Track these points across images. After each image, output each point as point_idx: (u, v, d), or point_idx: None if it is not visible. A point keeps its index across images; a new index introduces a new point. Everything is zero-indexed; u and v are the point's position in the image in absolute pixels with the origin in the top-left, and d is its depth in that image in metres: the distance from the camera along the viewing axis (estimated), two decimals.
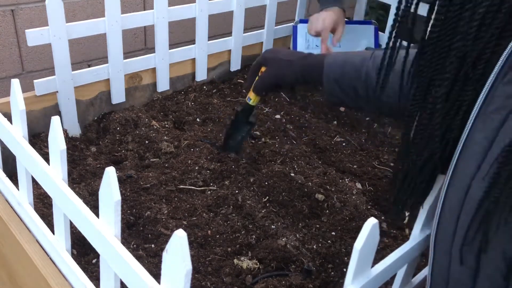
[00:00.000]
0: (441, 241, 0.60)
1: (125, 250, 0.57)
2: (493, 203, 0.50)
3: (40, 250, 0.79)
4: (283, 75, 0.94)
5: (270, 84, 0.98)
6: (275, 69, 0.96)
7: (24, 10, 1.47)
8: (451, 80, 0.55)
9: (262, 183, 1.06)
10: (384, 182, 1.14)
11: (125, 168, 1.08)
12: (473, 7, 0.52)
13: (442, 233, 0.60)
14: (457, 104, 0.56)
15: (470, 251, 0.55)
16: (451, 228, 0.57)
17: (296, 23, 1.63)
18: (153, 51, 1.32)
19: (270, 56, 0.97)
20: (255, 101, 1.04)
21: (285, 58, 0.94)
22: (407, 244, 0.69)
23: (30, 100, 1.11)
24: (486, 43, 0.52)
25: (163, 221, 0.94)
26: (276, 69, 0.95)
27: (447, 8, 0.54)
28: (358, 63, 0.84)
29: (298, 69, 0.92)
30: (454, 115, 0.57)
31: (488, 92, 0.53)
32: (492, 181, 0.51)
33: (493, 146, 0.52)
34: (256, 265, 0.87)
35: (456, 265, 0.58)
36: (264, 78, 0.98)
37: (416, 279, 0.80)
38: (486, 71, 0.53)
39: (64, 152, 0.68)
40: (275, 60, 0.96)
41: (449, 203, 0.58)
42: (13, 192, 0.87)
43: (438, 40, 0.56)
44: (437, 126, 0.57)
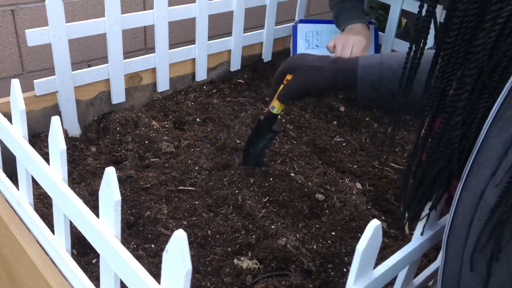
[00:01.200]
0: (453, 245, 0.60)
1: (125, 250, 0.57)
2: (506, 211, 0.49)
3: (40, 250, 0.79)
4: (313, 82, 0.89)
5: (299, 92, 0.93)
6: (304, 76, 0.90)
7: (24, 10, 1.47)
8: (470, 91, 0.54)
9: (262, 183, 1.06)
10: (384, 182, 1.14)
11: (125, 168, 1.08)
12: (494, 18, 0.50)
13: (454, 237, 0.59)
14: (474, 113, 0.55)
15: (481, 257, 0.54)
16: (463, 232, 0.57)
17: (296, 23, 1.63)
18: (153, 51, 1.32)
19: (297, 63, 0.92)
20: (279, 109, 0.99)
21: (315, 64, 0.89)
22: (409, 246, 0.69)
23: (30, 100, 1.11)
24: (505, 51, 0.51)
25: (163, 221, 0.94)
26: (305, 76, 0.90)
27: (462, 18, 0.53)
28: (396, 65, 0.80)
29: (330, 75, 0.87)
30: (470, 123, 0.56)
31: (505, 98, 0.52)
32: (506, 189, 0.50)
33: (509, 152, 0.51)
34: (256, 265, 0.87)
35: (467, 270, 0.57)
36: (292, 86, 0.93)
37: (417, 280, 0.80)
38: (504, 77, 0.52)
39: (64, 152, 0.68)
40: (303, 67, 0.91)
41: (462, 207, 0.57)
42: (13, 192, 0.87)
43: (453, 51, 0.54)
44: (457, 138, 0.56)
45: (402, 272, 0.73)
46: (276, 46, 1.63)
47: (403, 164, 1.22)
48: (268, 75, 1.55)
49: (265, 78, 1.54)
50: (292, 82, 0.92)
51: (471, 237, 0.55)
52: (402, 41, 1.59)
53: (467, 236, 0.56)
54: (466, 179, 0.57)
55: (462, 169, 0.58)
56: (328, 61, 0.89)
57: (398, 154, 1.27)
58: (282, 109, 1.00)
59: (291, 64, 0.93)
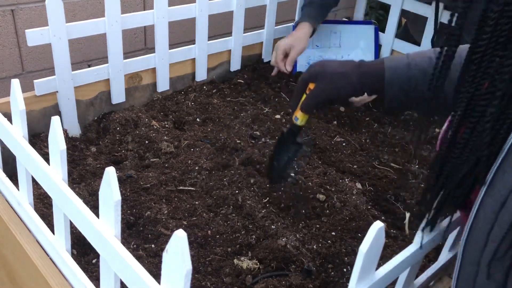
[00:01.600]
0: (470, 250, 0.59)
1: (125, 250, 0.57)
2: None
3: (40, 250, 0.79)
4: (339, 89, 0.85)
5: (324, 101, 0.89)
6: (328, 84, 0.86)
7: (24, 10, 1.47)
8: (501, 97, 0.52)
9: (263, 184, 1.06)
10: (384, 182, 1.14)
11: (125, 168, 1.08)
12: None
13: (473, 242, 0.58)
14: (503, 118, 0.53)
15: (499, 265, 0.53)
16: (482, 239, 0.56)
17: (296, 23, 1.63)
18: (153, 51, 1.32)
19: (319, 70, 0.88)
20: (303, 120, 0.94)
21: (338, 70, 0.86)
22: (411, 247, 0.69)
23: (30, 100, 1.11)
24: None
25: (163, 221, 0.94)
26: (329, 83, 0.86)
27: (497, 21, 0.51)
28: (426, 65, 0.77)
29: (356, 80, 0.84)
30: (498, 129, 0.54)
31: None
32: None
33: None
34: (256, 265, 0.87)
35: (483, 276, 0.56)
36: (316, 95, 0.88)
37: (419, 281, 0.80)
38: None
39: (64, 152, 0.68)
40: (326, 74, 0.87)
41: (484, 213, 0.56)
42: (13, 192, 0.87)
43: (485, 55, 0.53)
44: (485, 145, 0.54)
45: (403, 273, 0.73)
46: None
47: (403, 164, 1.22)
48: (268, 75, 1.55)
49: (265, 78, 1.54)
50: (316, 90, 0.88)
51: (489, 244, 0.54)
52: (402, 41, 1.59)
53: (485, 243, 0.55)
54: (490, 185, 0.55)
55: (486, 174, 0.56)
56: (352, 66, 0.86)
57: (398, 154, 1.27)
58: (306, 120, 0.95)
59: (312, 72, 0.89)
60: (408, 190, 1.12)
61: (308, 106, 0.91)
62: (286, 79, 1.54)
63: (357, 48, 1.61)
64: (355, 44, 1.60)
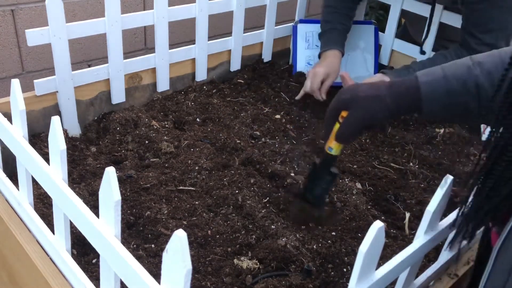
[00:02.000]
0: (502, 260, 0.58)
1: (125, 250, 0.58)
2: None
3: (40, 250, 0.79)
4: (374, 113, 0.81)
5: (359, 128, 0.84)
6: (362, 110, 0.82)
7: (24, 10, 1.47)
8: None
9: (263, 184, 1.06)
10: (384, 182, 1.14)
11: (125, 168, 1.08)
12: None
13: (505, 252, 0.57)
14: None
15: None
16: None
17: (296, 23, 1.63)
18: (153, 51, 1.32)
19: (350, 96, 0.83)
20: (338, 150, 0.90)
21: (370, 94, 0.81)
22: (411, 247, 0.69)
23: (30, 100, 1.11)
24: None
25: (163, 221, 0.94)
26: (363, 109, 0.82)
27: None
28: (464, 74, 0.74)
29: (390, 101, 0.80)
30: None
31: None
32: None
33: None
34: (256, 265, 0.87)
35: None
36: (351, 123, 0.84)
37: (418, 281, 0.80)
38: None
39: (64, 152, 0.68)
40: (358, 100, 0.82)
41: None
42: (13, 192, 0.87)
43: None
44: None
45: (403, 273, 0.73)
46: (276, 46, 1.63)
47: (403, 164, 1.22)
48: (268, 75, 1.55)
49: (265, 78, 1.54)
50: (350, 118, 0.83)
51: None
52: (402, 41, 1.59)
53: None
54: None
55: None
56: (384, 87, 0.82)
57: (398, 154, 1.27)
58: (340, 150, 0.91)
59: (343, 99, 0.85)
60: (408, 190, 1.12)
61: (344, 135, 0.86)
62: (286, 79, 1.54)
63: (357, 48, 1.61)
64: (355, 44, 1.60)
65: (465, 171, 1.20)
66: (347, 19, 1.51)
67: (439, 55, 1.35)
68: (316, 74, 1.39)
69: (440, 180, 0.77)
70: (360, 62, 1.61)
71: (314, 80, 1.39)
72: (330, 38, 1.48)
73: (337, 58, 1.45)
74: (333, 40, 1.48)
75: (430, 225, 0.71)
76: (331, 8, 1.51)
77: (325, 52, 1.46)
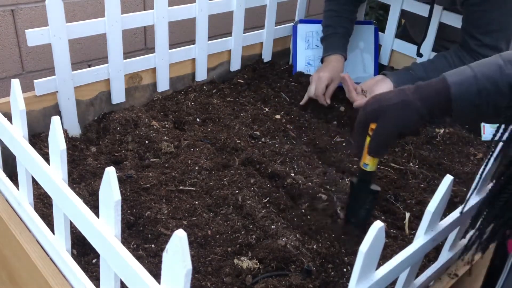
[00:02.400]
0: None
1: (125, 250, 0.58)
2: None
3: (40, 250, 0.79)
4: (406, 121, 0.78)
5: (393, 138, 0.81)
6: (392, 119, 0.79)
7: (24, 10, 1.47)
8: None
9: (263, 184, 1.06)
10: (384, 182, 1.14)
11: (125, 168, 1.08)
12: None
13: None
14: None
15: None
16: None
17: (296, 23, 1.63)
18: (153, 51, 1.32)
19: (377, 107, 0.80)
20: (374, 165, 0.86)
21: (398, 101, 0.78)
22: (411, 247, 0.69)
23: (30, 100, 1.11)
24: None
25: (163, 221, 0.94)
26: (394, 118, 0.79)
27: None
28: (496, 74, 0.71)
29: (420, 105, 0.77)
30: None
31: None
32: None
33: None
34: (256, 265, 0.87)
35: None
36: (382, 134, 0.81)
37: (418, 281, 0.80)
38: None
39: (64, 152, 0.68)
40: (386, 109, 0.79)
41: None
42: (13, 192, 0.87)
43: None
44: None
45: (403, 273, 0.73)
46: (276, 46, 1.63)
47: (403, 164, 1.22)
48: (268, 75, 1.55)
49: (265, 78, 1.54)
50: (381, 129, 0.80)
51: None
52: (402, 41, 1.59)
53: None
54: None
55: None
56: (410, 91, 0.79)
57: (398, 154, 1.27)
58: (376, 164, 0.87)
59: (370, 111, 0.81)
60: (408, 190, 1.12)
61: (377, 148, 0.83)
62: (286, 79, 1.54)
63: (357, 48, 1.61)
64: (355, 44, 1.60)
65: (465, 171, 1.20)
66: (348, 23, 1.51)
67: (440, 56, 1.35)
68: (320, 79, 1.38)
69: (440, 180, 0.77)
70: (360, 62, 1.61)
71: (319, 85, 1.38)
72: (332, 42, 1.48)
73: (340, 62, 1.45)
74: (335, 45, 1.48)
75: (430, 225, 0.71)
76: (332, 12, 1.51)
77: (328, 57, 1.46)
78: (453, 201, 1.06)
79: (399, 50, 1.60)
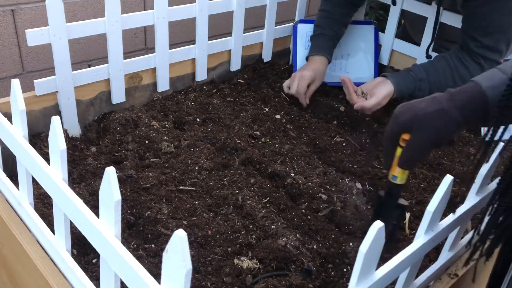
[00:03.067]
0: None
1: (125, 250, 0.58)
2: None
3: (40, 250, 0.79)
4: (442, 130, 0.75)
5: (428, 149, 0.79)
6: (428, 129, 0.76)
7: (24, 10, 1.47)
8: None
9: (263, 184, 1.06)
10: (384, 182, 1.14)
11: (125, 168, 1.08)
12: None
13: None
14: None
15: None
16: None
17: (296, 23, 1.63)
18: (153, 51, 1.32)
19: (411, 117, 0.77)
20: (404, 178, 0.83)
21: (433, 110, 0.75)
22: (411, 247, 0.69)
23: (30, 100, 1.11)
24: None
25: (163, 221, 0.94)
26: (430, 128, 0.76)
27: None
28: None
29: (457, 113, 0.74)
30: None
31: None
32: None
33: None
34: (256, 265, 0.87)
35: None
36: (418, 145, 0.77)
37: (418, 281, 0.80)
38: None
39: (64, 152, 0.68)
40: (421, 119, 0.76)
41: None
42: (13, 192, 0.87)
43: None
44: None
45: (403, 273, 0.73)
46: (276, 46, 1.63)
47: None
48: (268, 75, 1.55)
49: (265, 78, 1.54)
50: (416, 140, 0.77)
51: None
52: (402, 41, 1.59)
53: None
54: None
55: None
56: (445, 99, 0.76)
57: None
58: (406, 177, 0.83)
59: (403, 120, 0.78)
60: (408, 190, 1.12)
61: (412, 160, 0.80)
62: (286, 79, 1.54)
63: (357, 48, 1.61)
64: (355, 44, 1.60)
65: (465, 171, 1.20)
66: (339, 26, 1.51)
67: (440, 58, 1.35)
68: (303, 77, 1.39)
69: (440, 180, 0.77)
70: (360, 62, 1.61)
71: (301, 83, 1.39)
72: (319, 43, 1.49)
73: (323, 64, 1.46)
74: (321, 46, 1.48)
75: (430, 225, 0.71)
76: (324, 13, 1.51)
77: (312, 57, 1.47)
78: (453, 201, 1.06)
79: (399, 50, 1.60)
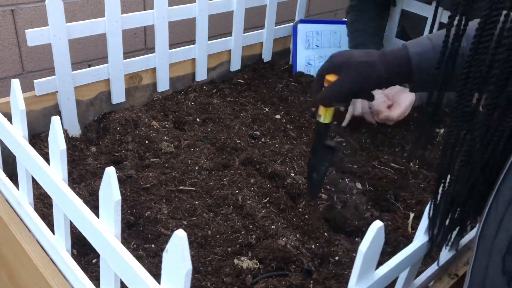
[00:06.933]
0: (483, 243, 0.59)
1: (125, 250, 0.58)
2: None
3: (40, 250, 0.79)
4: (366, 78, 0.82)
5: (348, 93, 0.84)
6: (353, 74, 0.82)
7: (24, 10, 1.47)
8: None
9: (263, 184, 1.06)
10: (384, 182, 1.14)
11: (125, 168, 1.08)
12: None
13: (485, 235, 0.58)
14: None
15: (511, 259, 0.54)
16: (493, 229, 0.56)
17: (296, 23, 1.63)
18: (153, 51, 1.32)
19: (342, 60, 0.83)
20: (327, 116, 0.85)
21: (364, 60, 0.82)
22: (410, 247, 0.69)
23: (30, 100, 1.11)
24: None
25: (163, 221, 0.94)
26: (355, 74, 0.82)
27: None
28: None
29: (383, 69, 0.82)
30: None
31: None
32: None
33: None
34: (256, 265, 0.87)
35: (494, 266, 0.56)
36: (339, 86, 0.83)
37: (418, 280, 0.80)
38: None
39: (64, 152, 0.68)
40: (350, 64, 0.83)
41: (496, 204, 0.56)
42: (13, 192, 0.87)
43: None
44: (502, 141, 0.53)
45: (403, 273, 0.73)
46: (276, 46, 1.63)
47: (403, 164, 1.22)
48: (268, 75, 1.55)
49: (265, 78, 1.54)
50: (339, 82, 0.83)
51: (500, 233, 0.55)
52: (402, 41, 1.59)
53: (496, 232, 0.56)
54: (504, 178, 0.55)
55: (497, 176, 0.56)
56: (378, 54, 0.83)
57: (398, 154, 1.27)
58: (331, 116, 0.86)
59: (336, 62, 0.84)
60: (408, 190, 1.12)
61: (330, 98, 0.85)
62: (286, 79, 1.54)
63: None
64: None
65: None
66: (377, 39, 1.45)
67: None
68: None
69: None
70: None
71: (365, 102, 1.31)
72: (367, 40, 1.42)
73: None
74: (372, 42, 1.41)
75: None
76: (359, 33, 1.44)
77: None
78: None
79: None
